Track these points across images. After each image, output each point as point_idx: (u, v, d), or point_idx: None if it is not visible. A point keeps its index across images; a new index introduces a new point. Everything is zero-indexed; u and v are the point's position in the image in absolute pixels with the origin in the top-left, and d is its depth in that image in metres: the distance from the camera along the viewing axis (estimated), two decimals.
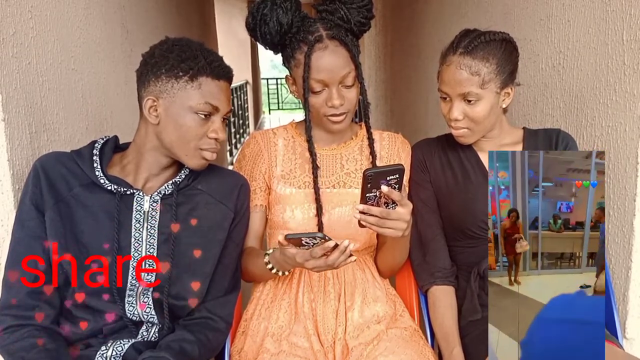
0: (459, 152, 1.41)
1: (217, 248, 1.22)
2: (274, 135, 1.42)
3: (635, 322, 1.45)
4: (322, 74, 1.26)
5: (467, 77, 1.26)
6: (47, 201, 1.13)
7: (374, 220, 1.10)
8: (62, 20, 1.45)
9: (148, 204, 1.18)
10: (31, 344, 1.07)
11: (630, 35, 1.36)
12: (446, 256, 1.40)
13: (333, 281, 1.35)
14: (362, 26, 1.33)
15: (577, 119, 1.58)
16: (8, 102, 1.18)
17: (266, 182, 1.38)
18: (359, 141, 1.43)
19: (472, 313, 1.34)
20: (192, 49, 1.15)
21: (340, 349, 1.27)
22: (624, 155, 1.40)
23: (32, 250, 1.11)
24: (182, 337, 1.16)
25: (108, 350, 1.13)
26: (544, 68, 1.74)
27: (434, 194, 1.42)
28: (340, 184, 1.38)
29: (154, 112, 1.14)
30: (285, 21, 1.28)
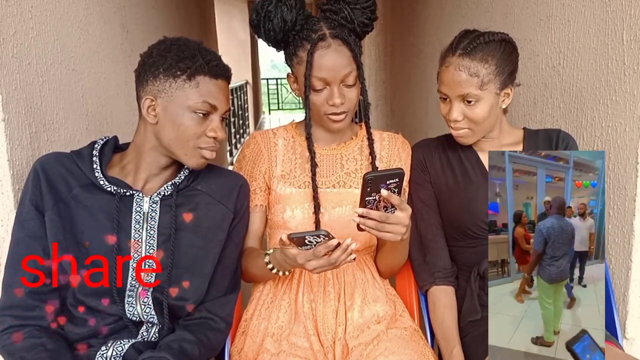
0: (459, 152, 1.41)
1: (217, 248, 1.23)
2: (273, 135, 1.42)
3: (635, 322, 1.45)
4: (323, 72, 1.26)
5: (466, 78, 1.26)
6: (46, 202, 1.13)
7: (373, 224, 1.10)
8: (62, 20, 1.45)
9: (147, 205, 1.18)
10: (31, 344, 1.07)
11: (630, 35, 1.36)
12: (446, 256, 1.40)
13: (333, 281, 1.35)
14: (365, 27, 1.33)
15: (577, 119, 1.58)
16: (8, 102, 1.18)
17: (266, 182, 1.38)
18: (359, 141, 1.43)
19: (472, 313, 1.34)
20: (190, 48, 1.15)
21: (340, 349, 1.27)
22: (624, 155, 1.40)
23: (32, 250, 1.11)
24: (182, 337, 1.16)
25: (108, 350, 1.13)
26: (544, 68, 1.74)
27: (434, 194, 1.42)
28: (340, 183, 1.38)
29: (153, 112, 1.14)
30: (289, 19, 1.28)
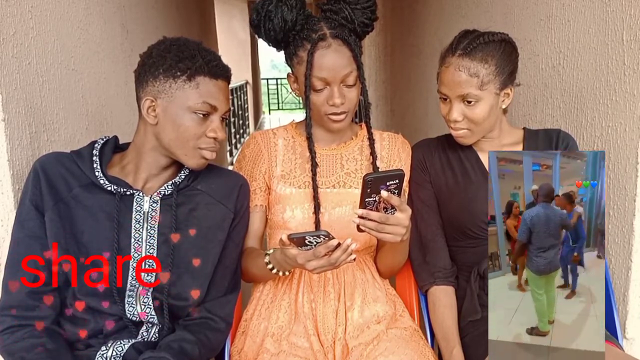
0: (459, 152, 1.41)
1: (217, 248, 1.22)
2: (274, 135, 1.42)
3: (635, 322, 1.45)
4: (324, 72, 1.26)
5: (465, 78, 1.26)
6: (46, 202, 1.12)
7: (372, 225, 1.10)
8: (62, 20, 1.45)
9: (148, 205, 1.18)
10: (32, 344, 1.07)
11: (630, 36, 1.36)
12: (446, 256, 1.40)
13: (333, 281, 1.35)
14: (366, 27, 1.33)
15: (577, 119, 1.58)
16: (8, 102, 1.18)
17: (266, 182, 1.38)
18: (359, 141, 1.43)
19: (472, 313, 1.34)
20: (189, 49, 1.14)
21: (340, 349, 1.27)
22: (624, 155, 1.40)
23: (32, 250, 1.11)
24: (182, 337, 1.16)
25: (108, 350, 1.13)
26: (544, 68, 1.74)
27: (434, 194, 1.42)
28: (340, 183, 1.38)
29: (153, 113, 1.14)
30: (289, 18, 1.28)
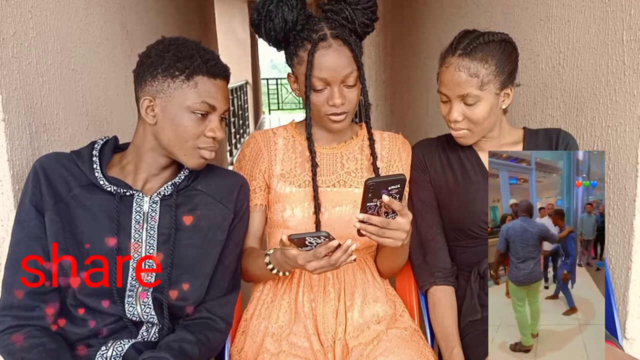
0: (459, 152, 1.41)
1: (217, 248, 1.23)
2: (273, 134, 1.42)
3: (635, 322, 1.45)
4: (324, 72, 1.26)
5: (465, 78, 1.26)
6: (46, 202, 1.12)
7: (373, 229, 1.10)
8: (62, 20, 1.45)
9: (148, 205, 1.18)
10: (31, 344, 1.07)
11: (630, 35, 1.36)
12: (446, 256, 1.40)
13: (333, 281, 1.35)
14: (366, 27, 1.33)
15: (577, 119, 1.58)
16: (8, 102, 1.18)
17: (266, 181, 1.38)
18: (360, 141, 1.43)
19: (472, 313, 1.34)
20: (188, 48, 1.14)
21: (340, 349, 1.27)
22: (624, 155, 1.40)
23: (32, 250, 1.11)
24: (182, 337, 1.16)
25: (108, 350, 1.13)
26: (544, 68, 1.74)
27: (434, 194, 1.42)
28: (340, 183, 1.38)
29: (151, 112, 1.14)
30: (290, 18, 1.28)
